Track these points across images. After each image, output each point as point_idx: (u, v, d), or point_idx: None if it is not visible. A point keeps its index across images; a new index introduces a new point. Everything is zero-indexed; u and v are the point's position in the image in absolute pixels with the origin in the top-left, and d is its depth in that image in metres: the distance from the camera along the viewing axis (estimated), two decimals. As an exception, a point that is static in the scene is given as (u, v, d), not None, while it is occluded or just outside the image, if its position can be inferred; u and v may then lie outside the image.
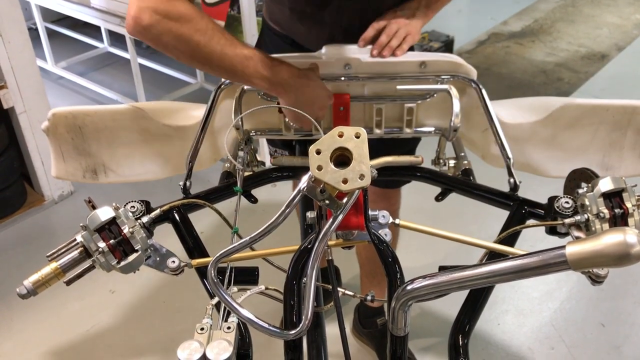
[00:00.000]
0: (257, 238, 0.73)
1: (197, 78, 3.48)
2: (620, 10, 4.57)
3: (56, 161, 1.27)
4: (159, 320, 2.08)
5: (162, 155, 1.31)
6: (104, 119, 1.23)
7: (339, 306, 0.81)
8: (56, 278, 0.86)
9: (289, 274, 0.87)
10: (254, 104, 1.19)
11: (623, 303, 2.10)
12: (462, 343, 0.89)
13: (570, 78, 3.64)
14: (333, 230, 0.75)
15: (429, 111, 1.26)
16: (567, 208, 0.93)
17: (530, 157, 1.28)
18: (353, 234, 0.88)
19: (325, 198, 0.73)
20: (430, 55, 1.20)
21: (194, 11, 0.99)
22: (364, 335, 1.95)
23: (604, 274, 0.83)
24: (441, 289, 0.67)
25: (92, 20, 3.08)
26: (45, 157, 2.53)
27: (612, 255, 0.56)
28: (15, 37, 2.29)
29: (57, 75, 3.71)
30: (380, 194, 1.56)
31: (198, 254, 0.99)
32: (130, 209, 0.93)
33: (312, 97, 1.12)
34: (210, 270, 0.73)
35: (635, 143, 1.24)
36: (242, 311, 0.71)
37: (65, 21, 4.01)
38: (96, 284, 2.17)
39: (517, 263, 0.62)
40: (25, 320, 2.09)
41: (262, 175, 1.20)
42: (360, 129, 0.69)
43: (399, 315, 0.74)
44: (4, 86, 2.32)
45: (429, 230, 0.95)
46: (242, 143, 1.23)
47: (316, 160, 0.68)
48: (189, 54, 1.02)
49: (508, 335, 1.99)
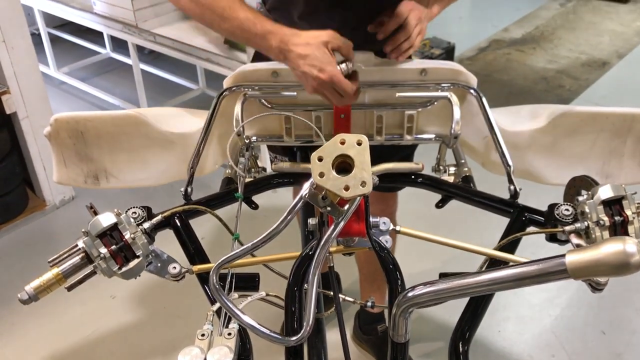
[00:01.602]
0: (259, 244, 0.74)
1: (199, 84, 3.49)
2: (621, 17, 4.59)
3: (58, 166, 1.28)
4: (159, 326, 2.08)
5: (163, 161, 1.32)
6: (105, 124, 1.24)
7: (340, 312, 0.82)
8: (57, 284, 0.86)
9: (290, 280, 0.87)
10: (256, 111, 1.19)
11: (624, 311, 2.09)
12: (463, 350, 0.89)
13: (571, 85, 3.65)
14: (335, 237, 0.75)
15: (430, 118, 1.27)
16: (567, 215, 0.93)
17: (530, 164, 1.28)
18: (354, 241, 0.88)
19: (326, 205, 0.73)
20: (431, 63, 1.20)
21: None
22: (364, 342, 1.95)
23: (604, 282, 0.83)
24: (442, 296, 0.67)
25: (94, 26, 3.09)
26: (47, 162, 2.54)
27: (612, 264, 0.57)
28: (18, 43, 2.30)
29: (59, 81, 3.72)
30: (378, 196, 1.56)
31: (199, 260, 0.99)
32: (131, 215, 0.94)
33: (311, 55, 1.06)
34: (212, 276, 0.73)
35: (635, 151, 1.24)
36: (244, 317, 0.72)
37: (67, 27, 4.03)
38: (97, 290, 2.17)
39: (517, 271, 0.62)
40: (26, 325, 2.09)
41: (263, 182, 1.20)
42: (362, 136, 0.70)
43: (400, 322, 0.74)
44: (6, 91, 2.33)
45: (429, 237, 0.95)
46: (244, 149, 1.23)
47: (318, 167, 0.69)
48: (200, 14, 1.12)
49: (509, 343, 1.98)
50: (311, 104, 1.23)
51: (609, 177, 1.26)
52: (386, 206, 1.64)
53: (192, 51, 2.67)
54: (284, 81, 1.21)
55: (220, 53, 2.58)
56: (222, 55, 2.57)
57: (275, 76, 1.20)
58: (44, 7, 3.39)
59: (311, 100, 1.23)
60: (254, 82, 1.20)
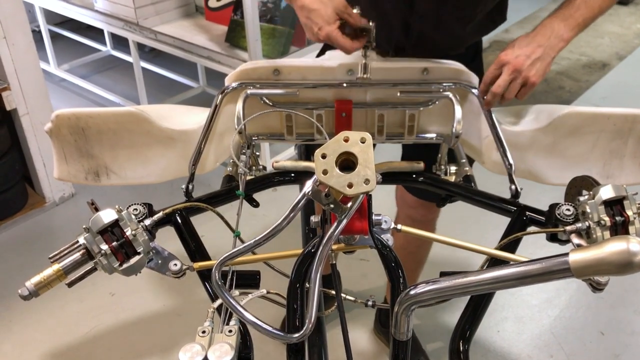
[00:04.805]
0: (261, 241, 0.74)
1: (200, 82, 3.49)
2: (621, 19, 4.59)
3: (58, 163, 1.27)
4: (158, 323, 2.07)
5: (164, 158, 1.32)
6: (106, 121, 1.24)
7: (342, 311, 0.82)
8: (58, 280, 0.86)
9: (292, 278, 0.87)
10: (257, 109, 1.19)
11: (623, 312, 2.10)
12: (463, 349, 0.89)
13: (572, 86, 3.65)
14: (338, 235, 0.75)
15: (431, 117, 1.27)
16: (568, 215, 0.93)
17: (531, 164, 1.28)
18: (355, 239, 0.88)
19: (329, 202, 0.73)
20: (433, 62, 1.20)
21: None
22: (382, 334, 1.97)
23: (605, 282, 0.83)
24: (444, 294, 0.67)
25: (95, 23, 3.09)
26: (47, 159, 2.54)
27: (615, 263, 0.57)
28: (19, 39, 2.30)
29: (59, 78, 3.71)
30: (420, 203, 1.59)
31: (200, 257, 0.99)
32: (132, 212, 0.93)
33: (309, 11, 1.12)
34: (215, 273, 0.73)
35: (636, 152, 1.24)
36: (246, 314, 0.72)
37: (68, 24, 4.02)
38: (96, 287, 2.17)
39: (520, 269, 0.62)
40: (24, 322, 2.09)
41: (264, 179, 1.20)
42: (366, 133, 0.70)
43: (402, 320, 0.74)
44: (7, 88, 2.33)
45: (429, 236, 0.95)
46: (245, 147, 1.23)
47: (322, 164, 0.69)
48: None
49: (507, 343, 1.98)
50: (312, 102, 1.23)
51: (610, 178, 1.27)
52: (428, 212, 1.64)
53: (192, 49, 2.67)
54: (286, 79, 1.21)
55: (221, 51, 2.58)
56: (222, 54, 2.57)
57: (277, 74, 1.20)
58: (45, 4, 3.39)
59: (312, 99, 1.23)
60: (256, 80, 1.20)
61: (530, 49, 1.12)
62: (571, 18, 1.14)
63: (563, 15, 1.15)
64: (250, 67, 1.20)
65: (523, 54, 1.12)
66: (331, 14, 1.11)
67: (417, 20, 1.30)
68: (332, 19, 1.11)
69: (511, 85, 1.12)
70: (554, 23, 1.14)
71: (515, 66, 1.11)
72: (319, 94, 1.22)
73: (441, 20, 1.30)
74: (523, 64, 1.11)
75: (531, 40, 1.13)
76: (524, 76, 1.12)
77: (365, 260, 2.24)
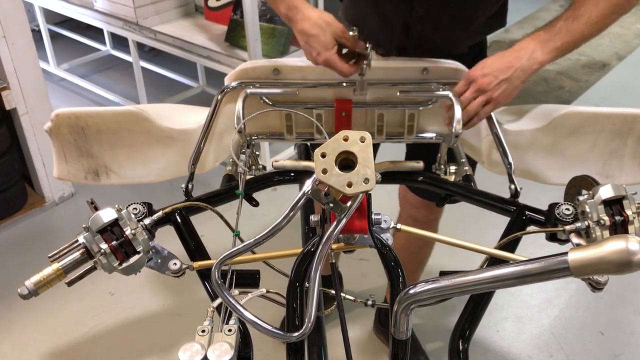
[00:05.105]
0: (261, 240, 0.74)
1: (199, 82, 3.49)
2: (621, 19, 4.58)
3: (58, 162, 1.27)
4: (158, 322, 2.07)
5: (164, 158, 1.32)
6: (106, 120, 1.24)
7: (342, 310, 0.82)
8: (57, 279, 0.86)
9: (291, 277, 0.87)
10: (257, 108, 1.19)
11: (622, 311, 2.10)
12: (463, 348, 0.89)
13: (571, 86, 3.65)
14: (337, 234, 0.75)
15: (431, 117, 1.27)
16: (568, 215, 0.93)
17: (531, 164, 1.28)
18: (355, 238, 0.88)
19: (329, 201, 0.74)
20: (432, 62, 1.20)
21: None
22: (382, 334, 1.97)
23: (604, 281, 0.83)
24: (443, 293, 0.67)
25: (95, 22, 3.09)
26: (47, 158, 2.54)
27: (614, 262, 0.57)
28: (19, 39, 2.30)
29: (59, 77, 3.71)
30: (423, 204, 1.59)
31: (199, 257, 0.99)
32: (132, 211, 0.94)
33: (306, 33, 1.14)
34: (215, 272, 0.73)
35: (636, 151, 1.24)
36: (246, 313, 0.72)
37: (68, 23, 4.02)
38: (95, 286, 2.17)
39: (519, 268, 0.62)
40: (23, 322, 2.09)
41: (264, 179, 1.20)
42: (365, 133, 0.70)
43: (401, 319, 0.74)
44: (6, 87, 2.33)
45: (429, 236, 0.95)
46: (245, 146, 1.23)
47: (321, 163, 0.69)
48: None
49: (507, 343, 1.99)
50: (312, 101, 1.23)
51: (609, 178, 1.27)
52: (430, 212, 1.65)
53: (192, 49, 2.67)
54: (285, 78, 1.21)
55: (221, 51, 2.58)
56: (222, 53, 2.57)
57: (277, 73, 1.20)
58: (45, 4, 3.39)
59: (312, 98, 1.23)
60: (255, 80, 1.20)
61: (500, 69, 1.11)
62: (550, 42, 1.12)
63: (542, 37, 1.12)
64: (249, 66, 1.20)
65: (492, 74, 1.11)
66: (329, 40, 1.12)
67: (417, 21, 1.30)
68: (330, 44, 1.12)
69: (472, 103, 1.12)
70: (531, 44, 1.12)
71: (480, 85, 1.11)
72: (319, 93, 1.22)
73: (441, 22, 1.30)
74: (489, 83, 1.10)
75: (504, 59, 1.12)
76: (488, 95, 1.11)
77: (365, 260, 2.24)
